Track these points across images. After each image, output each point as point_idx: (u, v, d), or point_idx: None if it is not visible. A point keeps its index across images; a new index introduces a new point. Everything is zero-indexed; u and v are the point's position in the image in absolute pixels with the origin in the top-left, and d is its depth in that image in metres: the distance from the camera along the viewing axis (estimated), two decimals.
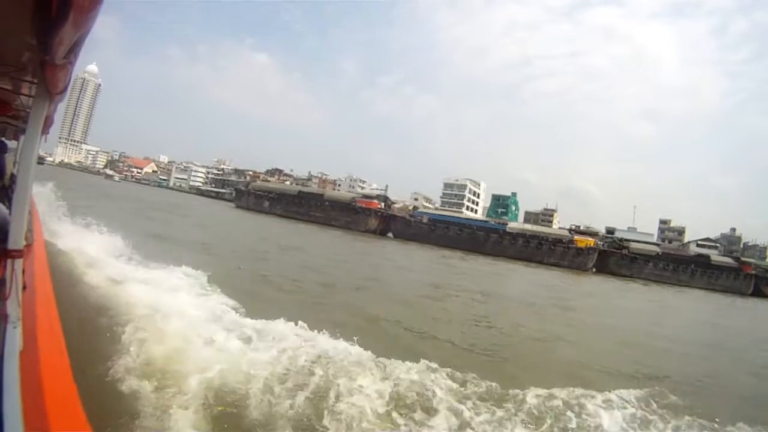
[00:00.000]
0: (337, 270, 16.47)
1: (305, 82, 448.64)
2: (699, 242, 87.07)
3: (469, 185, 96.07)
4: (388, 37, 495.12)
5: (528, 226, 57.64)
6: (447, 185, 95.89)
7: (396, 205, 63.52)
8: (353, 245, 33.04)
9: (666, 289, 41.52)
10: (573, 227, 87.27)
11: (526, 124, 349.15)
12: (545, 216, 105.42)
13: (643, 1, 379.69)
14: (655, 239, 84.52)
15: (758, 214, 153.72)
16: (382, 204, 56.94)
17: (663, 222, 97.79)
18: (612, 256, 54.62)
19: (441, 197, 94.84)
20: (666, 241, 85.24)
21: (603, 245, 55.94)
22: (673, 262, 56.40)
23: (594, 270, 52.15)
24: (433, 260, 31.07)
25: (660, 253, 57.49)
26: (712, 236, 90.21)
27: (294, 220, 53.67)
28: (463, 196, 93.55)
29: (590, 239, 55.21)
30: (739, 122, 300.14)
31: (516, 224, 57.14)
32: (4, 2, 1.75)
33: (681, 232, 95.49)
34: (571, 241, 53.81)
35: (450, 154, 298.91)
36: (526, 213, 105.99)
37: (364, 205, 54.81)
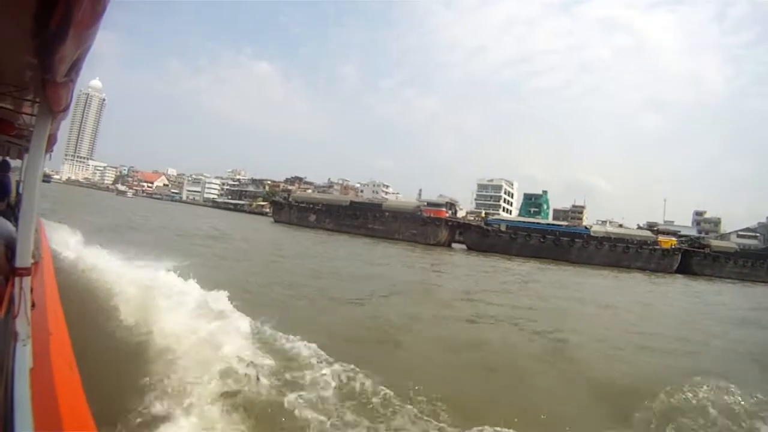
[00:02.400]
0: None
1: (307, 89, 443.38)
2: (739, 233, 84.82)
3: (504, 185, 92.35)
4: (387, 41, 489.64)
5: (611, 229, 53.67)
6: (481, 186, 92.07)
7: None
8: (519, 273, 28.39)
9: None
10: (599, 222, 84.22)
11: (530, 120, 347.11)
12: (574, 213, 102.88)
13: None
14: (695, 232, 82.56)
15: None
16: (450, 212, 52.31)
17: (698, 213, 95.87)
18: (695, 256, 51.35)
19: (475, 199, 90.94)
20: (703, 233, 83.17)
21: (682, 244, 52.72)
22: (750, 258, 53.61)
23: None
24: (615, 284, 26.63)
25: (738, 250, 54.74)
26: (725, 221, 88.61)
27: (350, 235, 48.64)
28: (500, 197, 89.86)
29: (673, 239, 51.76)
30: (745, 106, 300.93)
31: (599, 227, 53.20)
32: (3, 22, 1.74)
33: (717, 223, 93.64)
34: (656, 242, 50.20)
35: (454, 154, 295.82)
36: (555, 211, 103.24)
37: (432, 215, 50.08)
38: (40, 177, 2.40)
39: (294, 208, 60.55)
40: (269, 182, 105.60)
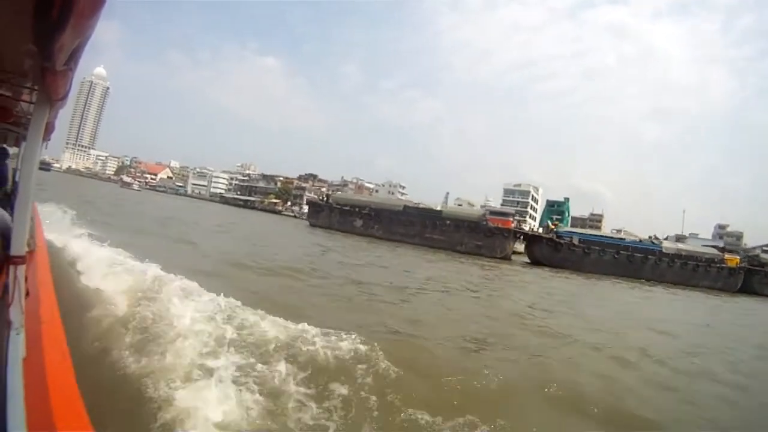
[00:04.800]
0: None
1: (310, 87, 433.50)
2: (764, 248, 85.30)
3: (531, 191, 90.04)
4: (392, 41, 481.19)
5: (681, 245, 51.80)
6: (507, 191, 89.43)
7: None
8: None
9: None
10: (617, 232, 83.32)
11: (532, 125, 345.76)
12: (592, 221, 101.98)
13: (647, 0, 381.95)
14: (721, 245, 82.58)
15: None
16: (515, 222, 49.10)
17: (721, 227, 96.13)
18: (756, 275, 50.19)
19: (501, 204, 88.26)
20: (726, 247, 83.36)
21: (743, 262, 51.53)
22: None
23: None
24: None
25: None
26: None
27: (407, 245, 44.56)
28: (527, 203, 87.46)
29: (737, 257, 50.42)
30: (748, 118, 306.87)
31: (669, 244, 51.13)
32: (3, 9, 1.76)
33: (739, 237, 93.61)
34: (722, 261, 48.69)
35: (457, 157, 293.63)
36: (572, 218, 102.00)
37: (499, 224, 46.72)
38: (37, 165, 2.36)
39: (335, 211, 55.95)
40: (282, 178, 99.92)
